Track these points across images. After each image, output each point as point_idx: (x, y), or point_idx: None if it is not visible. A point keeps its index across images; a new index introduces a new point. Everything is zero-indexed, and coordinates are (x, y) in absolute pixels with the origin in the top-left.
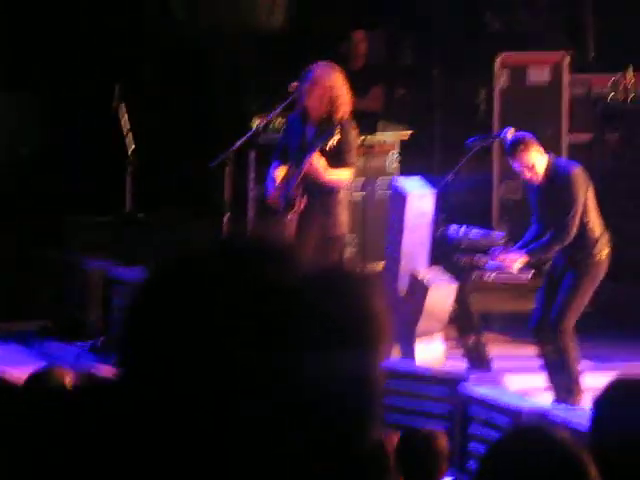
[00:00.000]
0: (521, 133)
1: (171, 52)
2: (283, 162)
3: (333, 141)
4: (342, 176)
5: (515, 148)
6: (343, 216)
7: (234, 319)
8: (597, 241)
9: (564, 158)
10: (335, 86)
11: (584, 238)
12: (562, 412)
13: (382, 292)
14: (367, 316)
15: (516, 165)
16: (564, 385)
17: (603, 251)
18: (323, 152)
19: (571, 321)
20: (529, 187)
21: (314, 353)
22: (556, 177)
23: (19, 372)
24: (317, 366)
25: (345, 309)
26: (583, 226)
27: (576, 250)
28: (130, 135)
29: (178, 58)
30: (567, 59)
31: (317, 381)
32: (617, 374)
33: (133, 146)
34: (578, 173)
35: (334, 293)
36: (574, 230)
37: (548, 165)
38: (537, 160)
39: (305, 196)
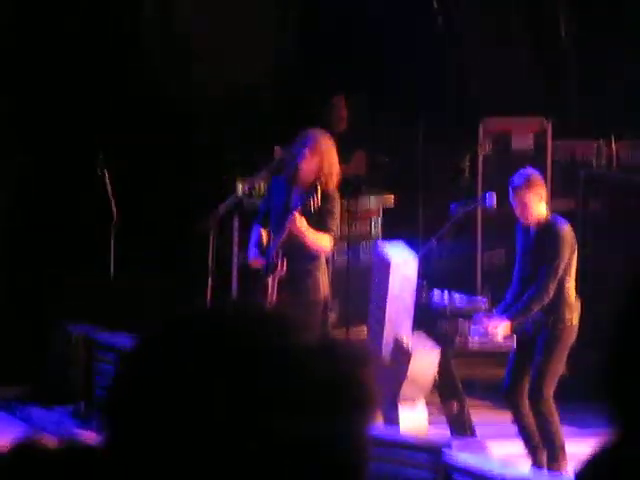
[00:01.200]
0: (533, 172)
1: (154, 116)
2: (264, 226)
3: (315, 202)
4: (322, 241)
5: (520, 183)
6: (324, 280)
7: (226, 386)
8: (570, 306)
9: (560, 217)
10: (330, 156)
11: (559, 299)
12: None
13: (371, 360)
14: (357, 382)
15: (513, 199)
16: (548, 450)
17: (574, 317)
18: (304, 214)
19: (550, 388)
20: (519, 234)
21: (304, 416)
22: (548, 230)
23: (1, 438)
24: (306, 429)
25: (337, 374)
26: (561, 287)
27: (549, 311)
28: (114, 201)
29: (161, 122)
30: (550, 125)
31: (306, 444)
32: (600, 442)
33: (116, 212)
34: (568, 232)
35: (327, 359)
36: (553, 288)
37: (545, 216)
38: (533, 202)
39: (286, 260)
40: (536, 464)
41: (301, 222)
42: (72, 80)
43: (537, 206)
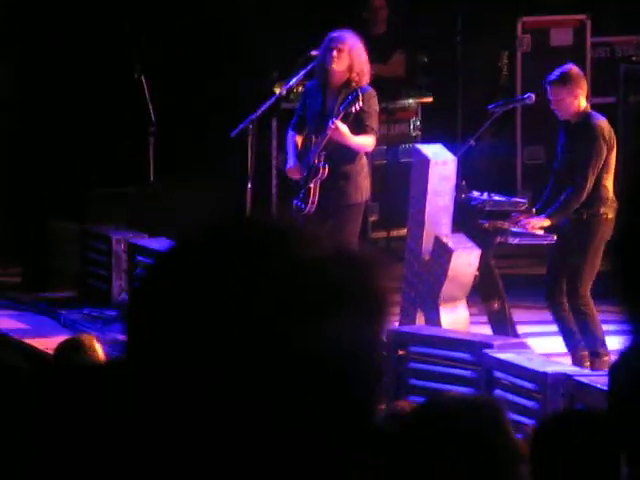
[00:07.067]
0: (570, 67)
1: (189, 21)
2: (299, 132)
3: (357, 105)
4: (365, 142)
5: (554, 78)
6: (365, 183)
7: (250, 294)
8: (606, 202)
9: (598, 113)
10: (359, 53)
11: (595, 195)
12: (587, 376)
13: (388, 269)
14: (375, 290)
15: (549, 95)
16: (589, 347)
17: (609, 212)
18: (345, 118)
19: (587, 285)
20: (560, 129)
21: (325, 322)
22: (584, 125)
23: (46, 342)
24: (329, 335)
25: (357, 282)
26: (598, 183)
27: (585, 206)
28: (151, 106)
29: (196, 27)
30: (589, 21)
31: (330, 349)
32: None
33: (154, 117)
34: (605, 128)
35: (347, 268)
36: (590, 186)
37: (584, 111)
38: (567, 97)
39: (327, 164)
40: (576, 363)
41: (343, 129)
42: None
43: (574, 101)
